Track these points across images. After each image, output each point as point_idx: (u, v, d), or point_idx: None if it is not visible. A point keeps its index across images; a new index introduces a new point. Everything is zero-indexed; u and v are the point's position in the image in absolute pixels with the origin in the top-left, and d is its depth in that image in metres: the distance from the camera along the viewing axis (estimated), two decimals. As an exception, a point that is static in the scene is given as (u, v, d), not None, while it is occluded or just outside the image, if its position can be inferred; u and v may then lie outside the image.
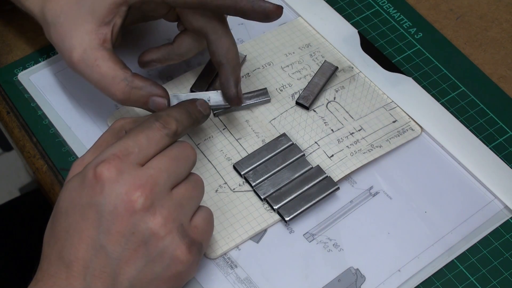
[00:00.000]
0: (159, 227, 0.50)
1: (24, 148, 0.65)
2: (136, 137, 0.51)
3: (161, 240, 0.50)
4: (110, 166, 0.49)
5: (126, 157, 0.50)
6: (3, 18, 0.71)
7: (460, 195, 0.62)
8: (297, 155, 0.63)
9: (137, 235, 0.49)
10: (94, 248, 0.49)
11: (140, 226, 0.49)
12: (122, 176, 0.49)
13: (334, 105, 0.66)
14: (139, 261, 0.50)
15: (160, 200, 0.50)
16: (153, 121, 0.53)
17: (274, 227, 0.60)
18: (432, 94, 0.68)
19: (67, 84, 0.67)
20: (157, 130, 0.52)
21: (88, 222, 0.49)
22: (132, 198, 0.49)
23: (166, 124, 0.53)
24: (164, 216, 0.50)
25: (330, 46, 0.70)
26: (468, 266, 0.59)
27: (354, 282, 0.57)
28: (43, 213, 0.57)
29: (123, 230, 0.49)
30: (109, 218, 0.49)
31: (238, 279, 0.57)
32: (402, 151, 0.64)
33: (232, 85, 0.59)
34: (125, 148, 0.51)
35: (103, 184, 0.49)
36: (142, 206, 0.49)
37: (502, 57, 0.71)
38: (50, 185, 0.63)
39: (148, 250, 0.50)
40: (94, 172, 0.50)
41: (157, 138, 0.52)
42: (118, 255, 0.49)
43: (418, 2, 0.74)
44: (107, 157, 0.50)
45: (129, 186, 0.49)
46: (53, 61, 0.68)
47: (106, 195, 0.49)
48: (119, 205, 0.49)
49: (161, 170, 0.51)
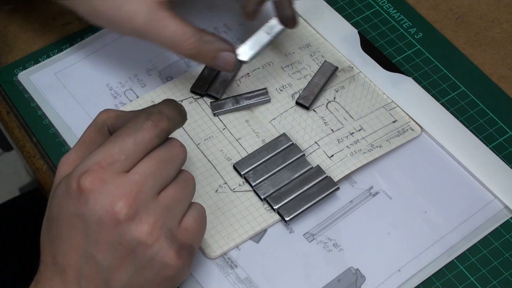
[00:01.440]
0: (145, 235, 0.48)
1: (24, 148, 0.65)
2: (122, 142, 0.49)
3: (149, 248, 0.49)
4: (93, 177, 0.48)
5: (110, 166, 0.48)
6: (3, 18, 0.71)
7: (460, 195, 0.62)
8: (297, 155, 0.63)
9: (124, 244, 0.49)
10: (84, 256, 0.49)
11: (126, 235, 0.48)
12: (106, 187, 0.48)
13: (334, 105, 0.66)
14: (129, 268, 0.49)
15: (145, 207, 0.49)
16: (143, 120, 0.50)
17: (274, 227, 0.60)
18: (432, 94, 0.68)
19: (67, 84, 0.67)
20: (147, 131, 0.50)
21: (77, 231, 0.49)
22: (115, 209, 0.48)
23: (158, 122, 0.50)
24: (150, 223, 0.49)
25: (330, 46, 0.70)
26: (468, 266, 0.59)
27: (354, 282, 0.57)
28: (43, 213, 0.57)
29: (110, 240, 0.48)
30: (95, 229, 0.48)
31: (238, 279, 0.57)
32: (402, 151, 0.64)
33: (287, 5, 0.60)
34: (110, 156, 0.49)
35: (87, 196, 0.48)
36: (126, 216, 0.48)
37: (502, 57, 0.71)
38: (50, 185, 0.63)
39: (137, 258, 0.49)
40: (77, 183, 0.48)
41: (146, 141, 0.50)
42: (108, 263, 0.49)
43: (418, 2, 0.74)
44: (90, 166, 0.48)
45: (113, 197, 0.48)
46: (53, 61, 0.68)
47: (91, 206, 0.48)
48: (103, 216, 0.48)
49: (147, 175, 0.49)
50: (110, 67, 0.68)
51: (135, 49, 0.69)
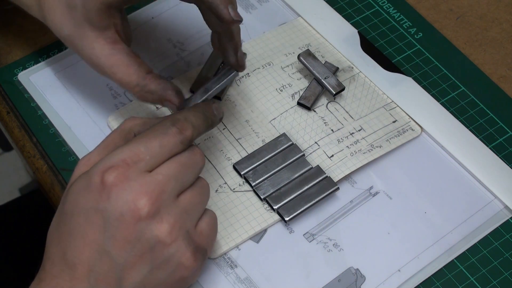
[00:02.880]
0: (165, 235, 0.49)
1: (24, 148, 0.65)
2: (148, 143, 0.50)
3: (167, 248, 0.50)
4: (118, 173, 0.49)
5: (135, 164, 0.49)
6: (3, 18, 0.71)
7: (460, 195, 0.62)
8: (297, 155, 0.63)
9: (143, 242, 0.49)
10: (99, 252, 0.49)
11: (146, 233, 0.49)
12: (129, 183, 0.49)
13: (334, 105, 0.66)
14: (144, 267, 0.50)
15: (166, 207, 0.50)
16: (169, 125, 0.52)
17: (274, 227, 0.60)
18: (432, 94, 0.68)
19: (67, 84, 0.67)
20: (172, 136, 0.51)
21: (93, 227, 0.49)
22: (138, 206, 0.48)
23: (183, 130, 0.52)
24: (170, 223, 0.50)
25: (330, 46, 0.70)
26: (468, 266, 0.59)
27: (354, 282, 0.58)
28: (43, 214, 0.57)
29: (129, 237, 0.49)
30: (115, 225, 0.49)
31: (238, 279, 0.57)
32: (402, 151, 0.64)
33: (231, 53, 0.58)
34: (136, 154, 0.50)
35: (110, 191, 0.49)
36: (148, 213, 0.49)
37: (502, 57, 0.71)
38: (50, 185, 0.63)
39: (154, 256, 0.50)
40: (101, 177, 0.49)
41: (170, 146, 0.51)
42: (123, 261, 0.49)
43: (418, 2, 0.74)
44: (115, 162, 0.49)
45: (136, 194, 0.49)
46: (53, 61, 0.68)
47: (113, 201, 0.48)
48: (125, 212, 0.48)
49: (170, 177, 0.50)
50: (110, 67, 0.68)
51: (135, 49, 0.69)
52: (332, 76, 0.66)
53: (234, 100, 0.66)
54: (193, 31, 0.70)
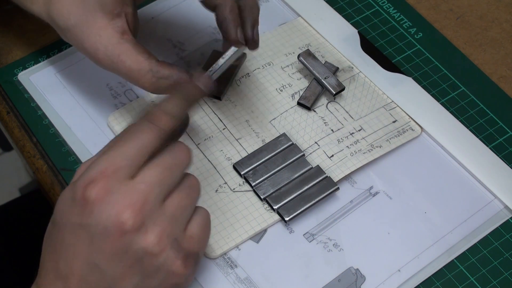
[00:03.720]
0: (152, 246, 0.48)
1: (24, 148, 0.65)
2: (123, 148, 0.48)
3: (156, 258, 0.48)
4: (98, 186, 0.47)
5: (115, 174, 0.47)
6: (3, 18, 0.71)
7: (460, 195, 0.62)
8: (297, 155, 0.63)
9: (131, 254, 0.48)
10: (88, 265, 0.48)
11: (133, 246, 0.48)
12: (111, 197, 0.47)
13: (334, 105, 0.66)
14: (134, 277, 0.49)
15: (151, 217, 0.48)
16: (142, 122, 0.49)
17: (274, 227, 0.60)
18: (432, 94, 0.68)
19: (67, 84, 0.67)
20: (147, 133, 0.49)
21: (80, 241, 0.48)
22: (122, 220, 0.47)
23: (157, 121, 0.49)
24: (157, 233, 0.48)
25: (330, 46, 0.70)
26: (468, 266, 0.59)
27: (354, 282, 0.57)
28: (43, 214, 0.57)
29: (116, 250, 0.48)
30: (101, 239, 0.48)
31: (238, 279, 0.57)
32: (402, 151, 0.64)
33: (249, 26, 0.58)
34: (113, 163, 0.48)
35: (92, 206, 0.47)
36: (132, 226, 0.47)
37: (502, 57, 0.71)
38: (50, 185, 0.63)
39: (143, 267, 0.49)
40: (83, 193, 0.48)
41: (146, 144, 0.49)
42: (113, 272, 0.48)
43: (418, 2, 0.74)
44: (94, 176, 0.48)
45: (119, 207, 0.47)
46: (53, 61, 0.68)
47: (96, 217, 0.47)
48: (109, 227, 0.47)
49: (152, 184, 0.48)
50: (110, 67, 0.68)
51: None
52: (332, 76, 0.66)
53: (234, 100, 0.66)
54: (193, 31, 0.70)
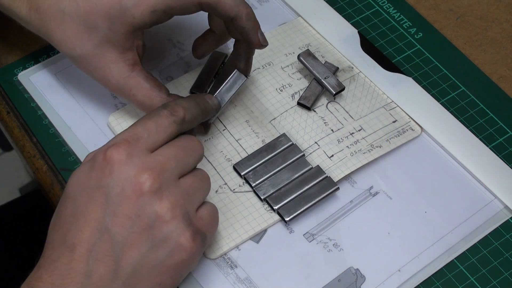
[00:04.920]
0: (165, 211, 0.50)
1: (24, 148, 0.65)
2: (145, 123, 0.52)
3: (166, 225, 0.50)
4: (120, 149, 0.50)
5: (136, 142, 0.51)
6: (3, 18, 0.71)
7: (460, 195, 0.62)
8: (297, 155, 0.63)
9: (143, 217, 0.50)
10: (99, 230, 0.50)
11: (146, 208, 0.50)
12: (131, 159, 0.50)
13: (334, 105, 0.66)
14: (143, 245, 0.50)
15: (167, 185, 0.51)
16: (161, 109, 0.54)
17: (274, 227, 0.60)
18: (432, 94, 0.68)
19: (67, 84, 0.67)
20: (165, 117, 0.53)
21: (95, 204, 0.50)
22: (140, 180, 0.50)
23: (174, 111, 0.53)
24: (171, 201, 0.50)
25: (330, 46, 0.70)
26: (468, 266, 0.59)
27: (354, 282, 0.58)
28: (43, 214, 0.57)
29: (129, 212, 0.50)
30: (116, 200, 0.50)
31: (238, 279, 0.57)
32: (402, 151, 0.64)
33: (243, 60, 0.61)
34: (135, 133, 0.52)
35: (112, 166, 0.50)
36: (149, 188, 0.50)
37: (502, 57, 0.71)
38: (50, 185, 0.63)
39: (153, 234, 0.50)
40: (104, 155, 0.50)
41: (165, 124, 0.53)
42: (123, 239, 0.50)
43: (418, 2, 0.74)
44: (117, 141, 0.51)
45: (138, 169, 0.50)
46: (53, 61, 0.68)
47: (115, 177, 0.50)
48: (127, 187, 0.50)
49: (169, 157, 0.52)
50: (110, 67, 0.68)
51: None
52: (332, 76, 0.66)
53: (234, 100, 0.66)
54: (193, 31, 0.70)
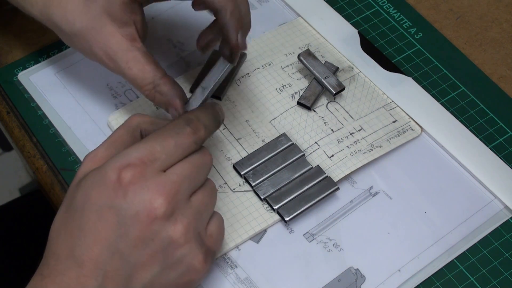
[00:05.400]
0: (179, 235, 0.49)
1: (24, 148, 0.65)
2: (164, 142, 0.50)
3: (180, 249, 0.50)
4: (136, 171, 0.49)
5: (152, 163, 0.49)
6: (3, 18, 0.71)
7: (460, 195, 0.62)
8: (297, 155, 0.63)
9: (156, 241, 0.49)
10: (110, 250, 0.49)
11: (161, 233, 0.49)
12: (146, 183, 0.49)
13: (334, 105, 0.66)
14: (155, 266, 0.49)
15: (181, 208, 0.50)
16: (183, 125, 0.52)
17: (274, 227, 0.60)
18: (432, 94, 0.68)
19: (67, 84, 0.67)
20: (187, 136, 0.51)
21: (106, 224, 0.49)
22: (154, 205, 0.49)
23: (197, 130, 0.52)
24: (185, 224, 0.50)
25: (330, 46, 0.70)
26: (468, 266, 0.59)
27: (354, 282, 0.58)
28: (43, 214, 0.57)
29: (143, 236, 0.49)
30: (130, 223, 0.48)
31: (238, 279, 0.57)
32: (402, 151, 0.64)
33: (232, 34, 0.56)
34: (152, 153, 0.50)
35: (127, 189, 0.49)
36: (164, 213, 0.49)
37: (502, 57, 0.71)
38: (50, 185, 0.63)
39: (166, 257, 0.50)
40: (118, 174, 0.49)
41: (185, 145, 0.51)
42: (135, 260, 0.49)
43: (418, 2, 0.74)
44: (132, 160, 0.49)
45: (153, 193, 0.49)
46: (53, 61, 0.68)
47: (129, 200, 0.48)
48: (141, 211, 0.48)
49: (184, 177, 0.50)
50: (110, 67, 0.68)
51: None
52: (332, 76, 0.66)
53: (234, 100, 0.66)
54: (193, 31, 0.70)
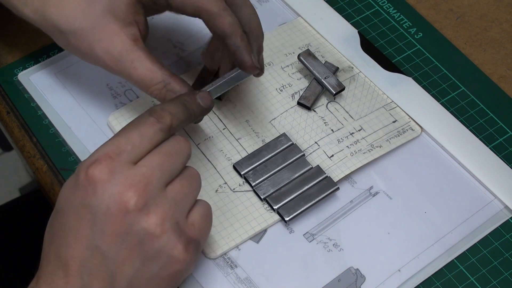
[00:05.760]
0: (154, 227, 0.49)
1: (24, 148, 0.65)
2: (128, 134, 0.50)
3: (157, 240, 0.49)
4: (102, 166, 0.49)
5: (118, 156, 0.49)
6: (3, 18, 0.71)
7: (460, 195, 0.62)
8: (297, 155, 0.63)
9: (132, 235, 0.49)
10: (90, 248, 0.49)
11: (135, 226, 0.49)
12: (114, 176, 0.49)
13: (334, 105, 0.66)
14: (135, 260, 0.49)
15: (154, 199, 0.49)
16: (146, 115, 0.52)
17: (274, 227, 0.60)
18: (432, 94, 0.68)
19: (67, 84, 0.67)
20: (151, 125, 0.51)
21: (83, 223, 0.49)
22: (125, 199, 0.48)
23: (160, 118, 0.51)
24: (159, 215, 0.49)
25: (330, 46, 0.70)
26: (468, 266, 0.59)
27: (354, 282, 0.58)
28: (43, 214, 0.57)
29: (118, 231, 0.49)
30: (103, 219, 0.48)
31: (238, 279, 0.57)
32: (402, 151, 0.64)
33: (245, 52, 0.57)
34: (117, 147, 0.50)
35: (95, 185, 0.48)
36: (135, 206, 0.48)
37: (502, 57, 0.71)
38: (50, 185, 0.63)
39: (144, 249, 0.49)
40: (85, 173, 0.49)
41: (150, 134, 0.51)
42: (114, 255, 0.49)
43: (418, 2, 0.74)
44: (98, 157, 0.49)
45: (122, 186, 0.48)
46: (53, 61, 0.68)
47: (99, 196, 0.48)
48: (112, 206, 0.48)
49: (154, 168, 0.50)
50: (110, 67, 0.68)
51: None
52: (332, 76, 0.66)
53: (234, 100, 0.66)
54: (193, 31, 0.70)
